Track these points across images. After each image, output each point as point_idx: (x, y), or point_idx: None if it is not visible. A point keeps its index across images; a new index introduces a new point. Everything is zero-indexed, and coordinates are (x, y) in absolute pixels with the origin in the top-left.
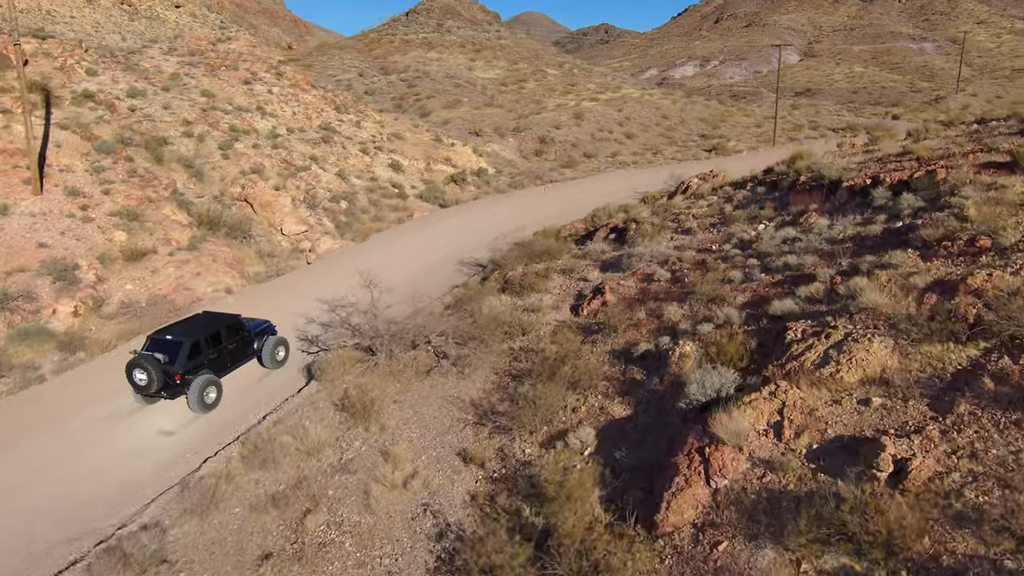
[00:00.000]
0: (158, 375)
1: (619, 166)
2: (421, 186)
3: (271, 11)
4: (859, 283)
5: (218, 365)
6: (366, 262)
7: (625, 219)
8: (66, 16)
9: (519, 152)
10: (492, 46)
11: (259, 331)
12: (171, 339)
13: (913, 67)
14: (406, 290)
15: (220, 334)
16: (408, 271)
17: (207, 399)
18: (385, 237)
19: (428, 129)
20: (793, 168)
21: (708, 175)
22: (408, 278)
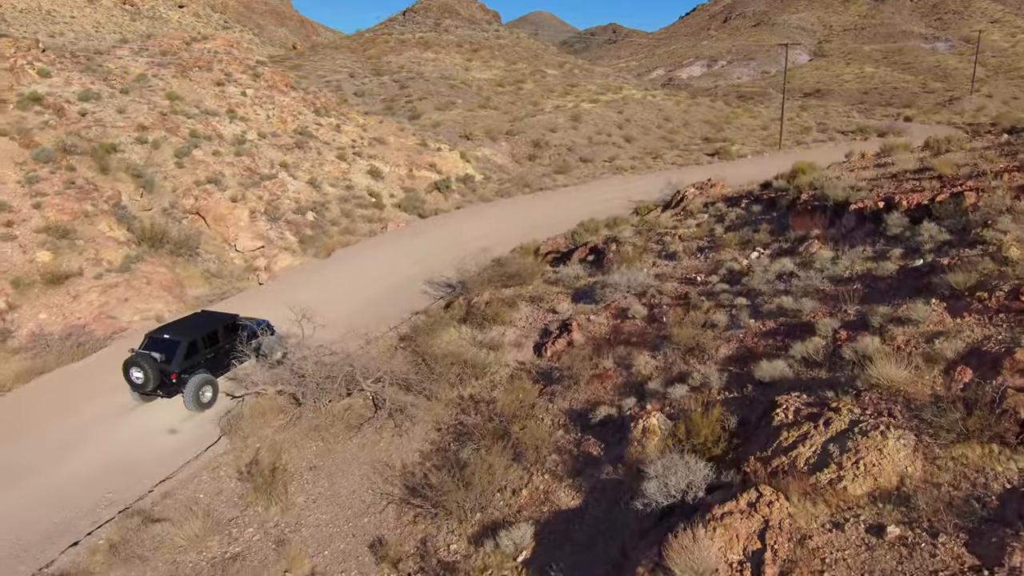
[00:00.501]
0: (155, 374)
1: (616, 172)
2: (401, 194)
3: (278, 11)
4: (869, 345)
5: (215, 364)
6: (323, 283)
7: (606, 238)
8: (66, 16)
9: (511, 157)
10: (490, 46)
11: (258, 330)
12: (168, 338)
13: (925, 67)
14: (359, 318)
15: (217, 333)
16: (367, 294)
17: (203, 398)
18: (352, 252)
19: (415, 133)
20: (793, 184)
21: (706, 184)
22: (365, 303)
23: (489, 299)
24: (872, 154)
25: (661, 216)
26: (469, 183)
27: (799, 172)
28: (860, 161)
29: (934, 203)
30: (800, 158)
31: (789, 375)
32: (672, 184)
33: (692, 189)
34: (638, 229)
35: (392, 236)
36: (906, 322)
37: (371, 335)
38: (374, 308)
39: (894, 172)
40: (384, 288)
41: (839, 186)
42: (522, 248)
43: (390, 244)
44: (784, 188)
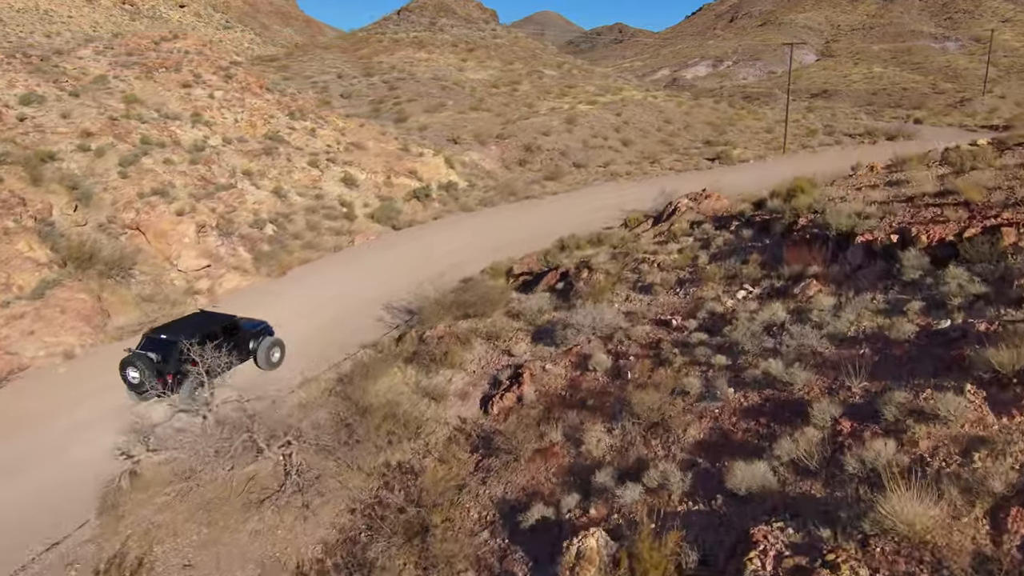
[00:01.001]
0: (150, 374)
1: (610, 178)
2: (376, 204)
3: (283, 11)
4: (880, 452)
5: (213, 365)
6: (270, 306)
7: (579, 262)
8: (64, 16)
9: (501, 162)
10: (486, 45)
11: (255, 332)
12: (165, 338)
13: (935, 67)
14: (305, 348)
15: (215, 334)
16: (316, 321)
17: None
18: (310, 270)
19: (397, 137)
20: (790, 205)
21: (700, 195)
22: (311, 333)
23: (443, 333)
24: (882, 167)
25: (642, 237)
26: (452, 191)
27: (798, 190)
28: (868, 176)
29: (962, 240)
30: (804, 164)
31: (773, 485)
32: (666, 194)
33: (685, 200)
34: (614, 253)
35: (359, 251)
36: (931, 418)
37: (307, 374)
38: (320, 339)
39: (909, 194)
40: (335, 313)
41: (843, 211)
42: (492, 269)
43: (355, 260)
44: (779, 210)
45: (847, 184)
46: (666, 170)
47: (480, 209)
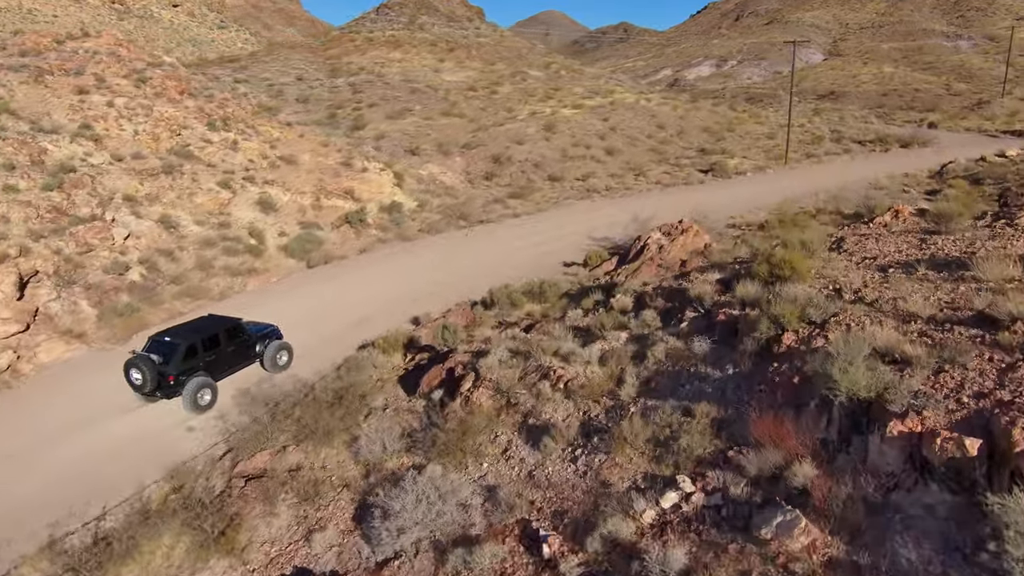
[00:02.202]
0: (153, 375)
1: (586, 194)
2: (296, 231)
3: (287, 11)
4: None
5: (215, 368)
6: (78, 393)
7: (470, 359)
8: (48, 15)
9: (465, 175)
10: (468, 45)
11: (262, 335)
12: (169, 340)
13: (948, 67)
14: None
15: (218, 337)
16: (107, 432)
17: (200, 401)
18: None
19: (341, 149)
20: (772, 300)
21: (675, 228)
22: (80, 461)
23: (255, 472)
24: (911, 213)
25: (570, 313)
26: (394, 213)
27: (784, 265)
28: (894, 239)
29: None
30: (807, 179)
31: None
32: (640, 221)
33: (657, 236)
34: (516, 349)
35: (248, 298)
36: None
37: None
38: (79, 481)
39: (979, 306)
40: (135, 419)
41: (858, 348)
42: (387, 341)
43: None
44: (755, 301)
45: (861, 248)
46: (652, 184)
47: (422, 237)
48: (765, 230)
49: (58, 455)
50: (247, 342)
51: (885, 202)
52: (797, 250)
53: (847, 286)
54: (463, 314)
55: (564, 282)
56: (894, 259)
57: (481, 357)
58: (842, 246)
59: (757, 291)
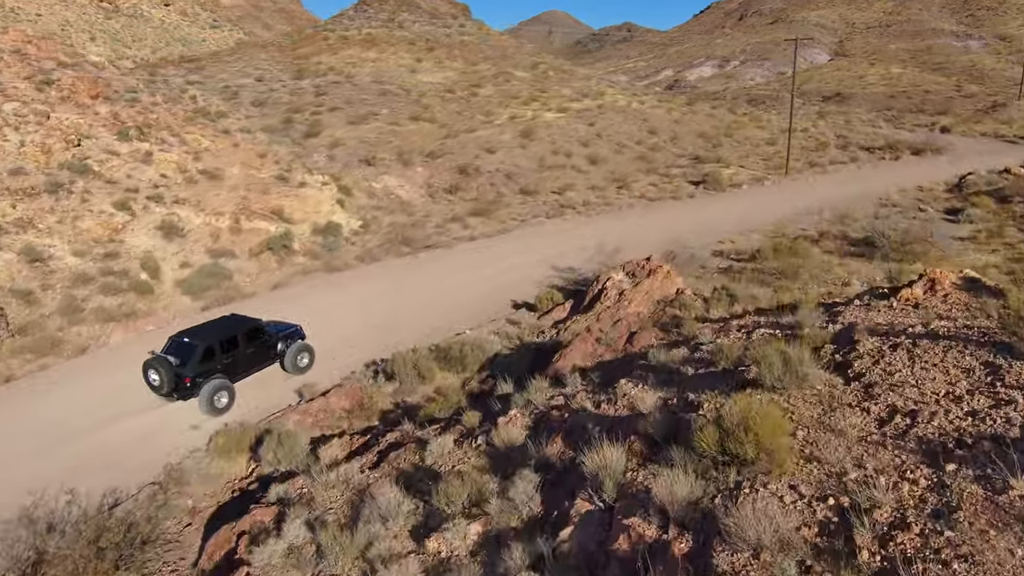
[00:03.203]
0: (170, 377)
1: (559, 211)
2: (204, 261)
3: (288, 11)
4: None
5: (233, 370)
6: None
7: (269, 523)
8: (31, 14)
9: (426, 188)
10: (449, 44)
11: (285, 335)
12: (187, 342)
13: (959, 67)
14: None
15: (237, 338)
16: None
17: (217, 404)
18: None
19: (280, 160)
20: (723, 515)
21: (642, 268)
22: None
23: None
24: (953, 285)
25: (466, 416)
26: (329, 236)
27: (745, 436)
28: (936, 342)
29: None
30: (810, 192)
31: None
32: (608, 252)
33: (619, 277)
34: (323, 520)
35: (105, 357)
36: None
37: None
38: None
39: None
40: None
41: None
42: (227, 440)
43: (73, 380)
44: (685, 520)
45: (884, 372)
46: (636, 198)
47: (356, 267)
48: (757, 261)
49: None
50: (267, 343)
51: (899, 223)
52: (768, 408)
53: (863, 505)
54: (350, 394)
55: (499, 338)
56: (948, 423)
57: (271, 533)
58: (851, 358)
59: (692, 490)
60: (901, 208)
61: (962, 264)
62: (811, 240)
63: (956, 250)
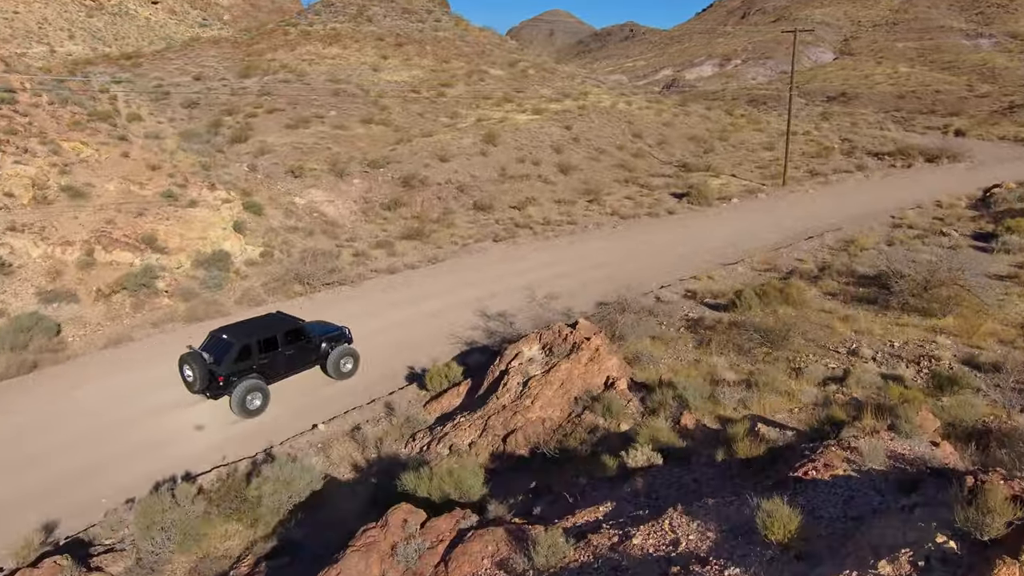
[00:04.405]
0: (203, 374)
1: (511, 233)
2: (31, 306)
3: (285, 9)
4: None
5: (270, 370)
6: None
7: None
8: (8, 11)
9: (363, 203)
10: (421, 40)
11: (330, 337)
12: (224, 339)
13: (969, 66)
14: None
15: (276, 339)
16: None
17: (250, 405)
18: None
19: (176, 172)
20: None
21: (563, 339)
22: None
23: None
24: None
25: None
26: (214, 270)
27: None
28: None
29: None
30: (807, 210)
31: None
32: (539, 300)
33: (532, 352)
34: None
35: None
36: None
37: None
38: None
39: None
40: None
41: None
42: None
43: None
44: None
45: None
46: (607, 214)
47: (235, 312)
48: (738, 309)
49: None
50: (308, 346)
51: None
52: None
53: None
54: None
55: (350, 445)
56: None
57: None
58: None
59: None
60: (918, 231)
61: (1008, 319)
62: (809, 277)
63: (996, 296)
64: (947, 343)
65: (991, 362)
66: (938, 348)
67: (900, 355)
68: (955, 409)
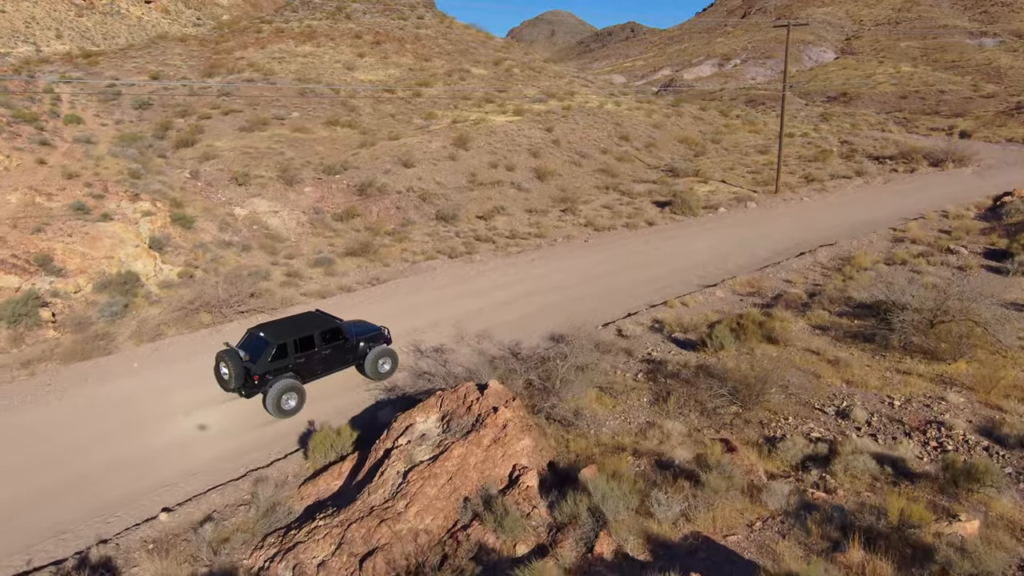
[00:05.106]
0: (239, 372)
1: (470, 248)
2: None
3: None
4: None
5: (306, 370)
6: None
7: None
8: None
9: (313, 213)
10: (402, 37)
11: (368, 337)
12: (262, 337)
13: (974, 66)
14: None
15: (313, 338)
16: None
17: (284, 405)
18: None
19: (95, 181)
20: None
21: (467, 408)
22: None
23: None
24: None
25: None
26: (117, 295)
27: None
28: None
29: None
30: (801, 223)
31: None
32: (482, 333)
33: (422, 428)
34: None
35: None
36: None
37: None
38: None
39: None
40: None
41: None
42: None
43: None
44: None
45: None
46: (581, 225)
47: (121, 350)
48: (709, 348)
49: None
50: (345, 346)
51: (923, 273)
52: None
53: None
54: None
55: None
56: None
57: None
58: None
59: None
60: (922, 246)
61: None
62: (796, 305)
63: (1016, 333)
64: (960, 401)
65: (1018, 435)
66: (948, 409)
67: (901, 419)
68: (977, 558)
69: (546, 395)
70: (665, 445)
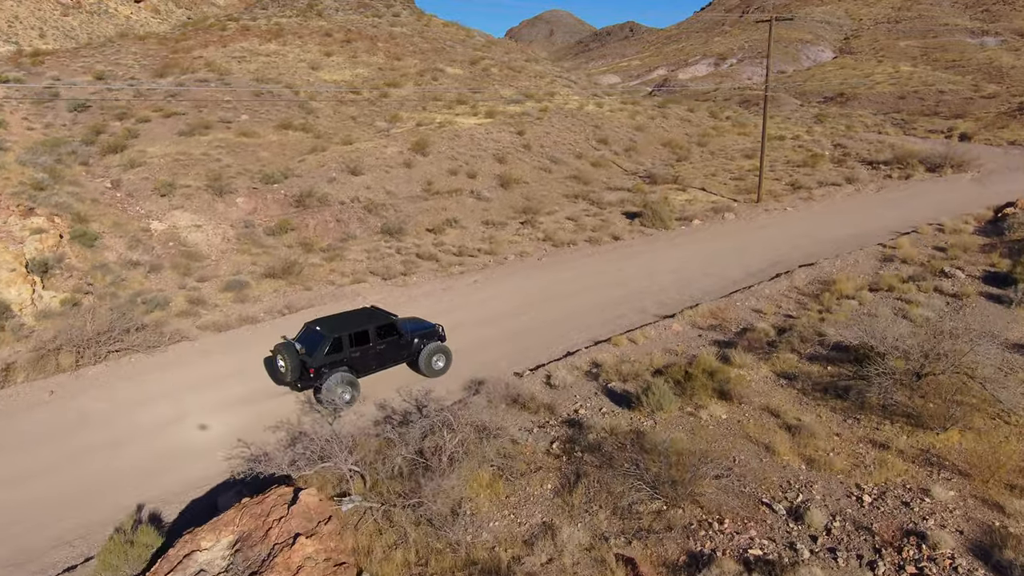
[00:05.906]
0: (295, 365)
1: (409, 268)
2: None
3: None
4: None
5: (360, 365)
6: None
7: None
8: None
9: (243, 227)
10: (374, 35)
11: (422, 334)
12: (318, 330)
13: (975, 65)
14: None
15: (368, 333)
16: None
17: (339, 399)
18: None
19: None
20: None
21: (263, 530)
22: None
23: None
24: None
25: None
26: None
27: None
28: None
29: None
30: (783, 233)
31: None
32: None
33: (211, 555)
34: None
35: None
36: None
37: None
38: None
39: None
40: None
41: None
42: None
43: None
44: None
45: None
46: (539, 240)
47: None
48: (646, 403)
49: None
50: (399, 342)
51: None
52: None
53: None
54: None
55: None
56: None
57: None
58: None
59: None
60: (913, 267)
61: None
62: (762, 345)
63: (1023, 392)
64: (949, 498)
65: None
66: (934, 511)
67: (871, 527)
68: None
69: (430, 476)
70: (554, 565)
